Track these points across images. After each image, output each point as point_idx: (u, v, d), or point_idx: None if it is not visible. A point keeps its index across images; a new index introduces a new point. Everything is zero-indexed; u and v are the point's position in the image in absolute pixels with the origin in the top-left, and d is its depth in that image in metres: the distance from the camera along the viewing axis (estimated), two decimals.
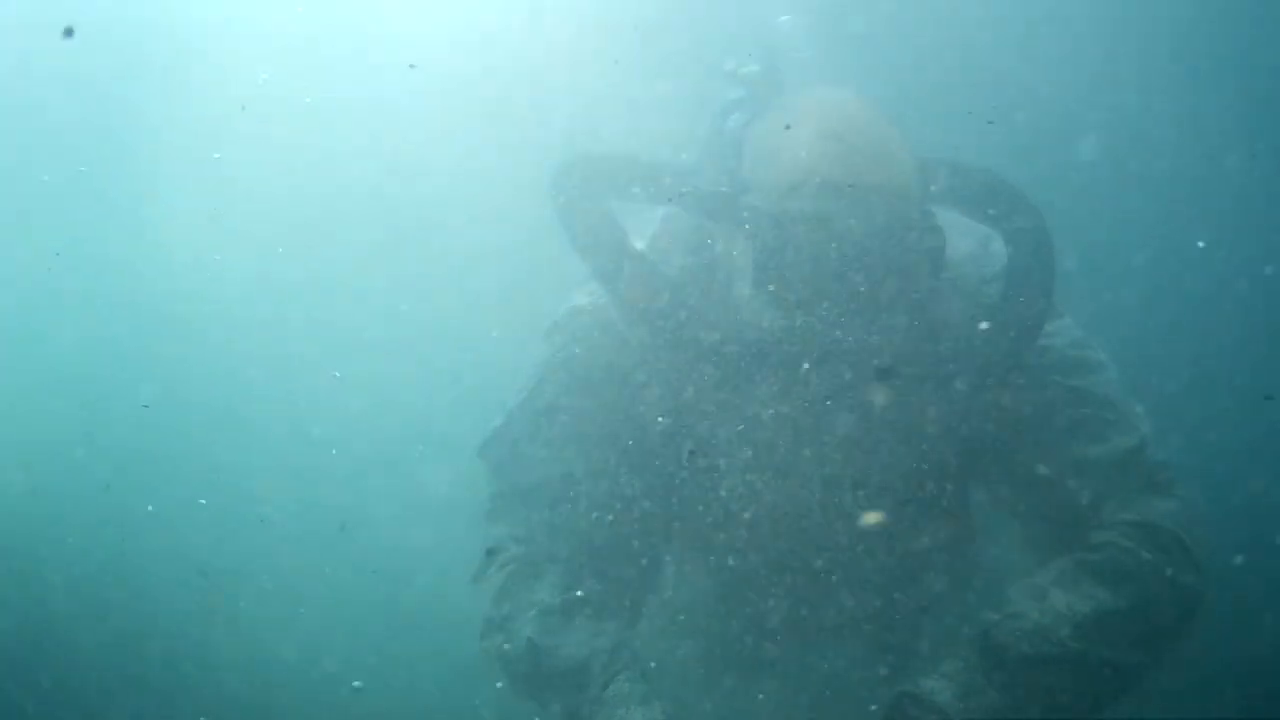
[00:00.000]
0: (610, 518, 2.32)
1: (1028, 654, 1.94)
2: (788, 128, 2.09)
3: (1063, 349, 2.17)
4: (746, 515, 2.33)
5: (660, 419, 2.29)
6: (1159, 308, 3.48)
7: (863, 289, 1.98)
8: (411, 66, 3.83)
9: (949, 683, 1.96)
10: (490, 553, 2.40)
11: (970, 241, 2.25)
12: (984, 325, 2.09)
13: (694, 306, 2.14)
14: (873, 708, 2.10)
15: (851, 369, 2.05)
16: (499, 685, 2.34)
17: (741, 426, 2.23)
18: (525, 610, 2.26)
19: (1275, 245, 3.62)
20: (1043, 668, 1.93)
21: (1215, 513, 2.19)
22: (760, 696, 2.68)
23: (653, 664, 2.25)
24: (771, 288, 2.02)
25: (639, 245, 2.26)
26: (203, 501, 4.73)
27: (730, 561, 2.47)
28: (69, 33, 4.10)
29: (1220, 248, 3.50)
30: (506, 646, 2.26)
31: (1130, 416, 2.17)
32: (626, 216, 2.34)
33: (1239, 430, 3.26)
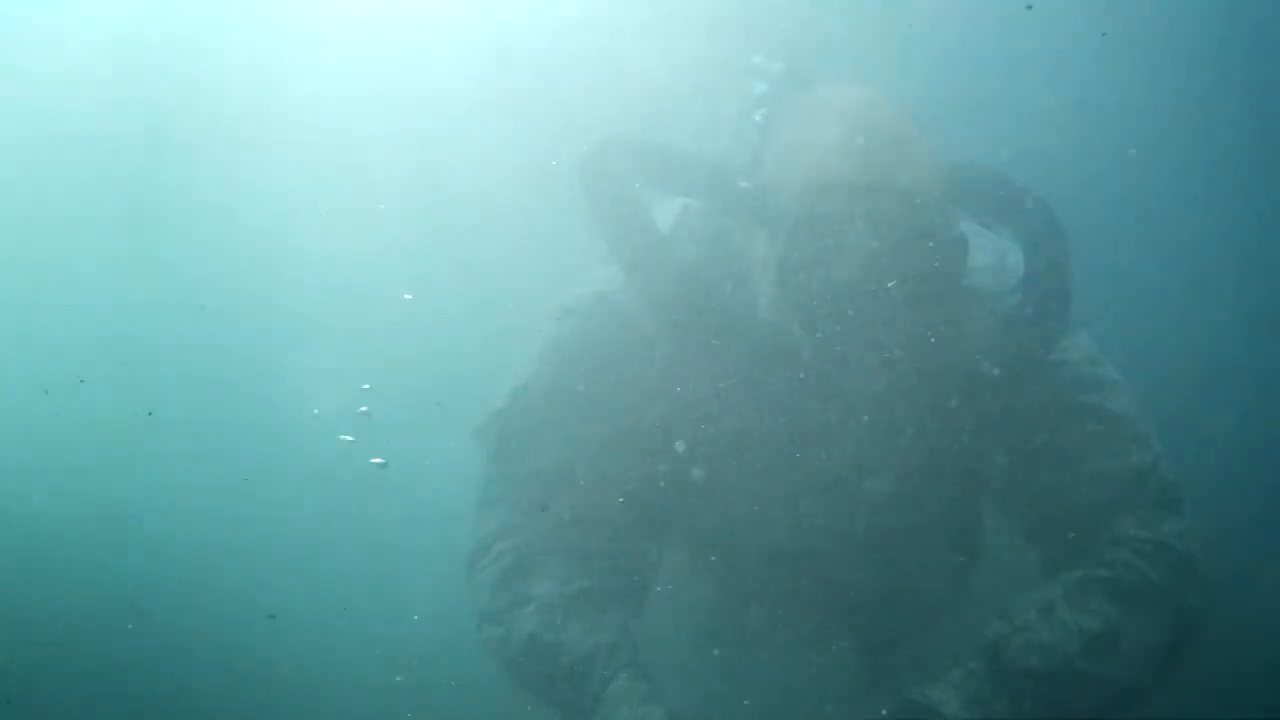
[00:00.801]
0: (610, 508, 2.29)
1: (1035, 668, 1.95)
2: (812, 127, 2.07)
3: (1078, 364, 2.18)
4: (750, 515, 2.31)
5: (666, 410, 2.25)
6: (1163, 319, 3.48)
7: (886, 295, 1.96)
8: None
9: (955, 693, 1.95)
10: (485, 541, 2.35)
11: (987, 254, 2.25)
12: (1003, 335, 2.09)
13: (714, 301, 2.11)
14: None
15: (873, 376, 2.05)
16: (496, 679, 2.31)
17: (750, 425, 2.21)
18: (524, 604, 2.23)
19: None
20: (1048, 683, 1.94)
21: (1216, 530, 2.21)
22: (758, 696, 2.66)
23: (653, 659, 2.22)
24: (794, 292, 2.00)
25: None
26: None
27: (731, 558, 2.47)
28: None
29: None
30: (505, 641, 2.23)
31: (1144, 434, 2.18)
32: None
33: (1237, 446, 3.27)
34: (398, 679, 3.40)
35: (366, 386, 3.07)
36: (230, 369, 4.77)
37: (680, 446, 2.25)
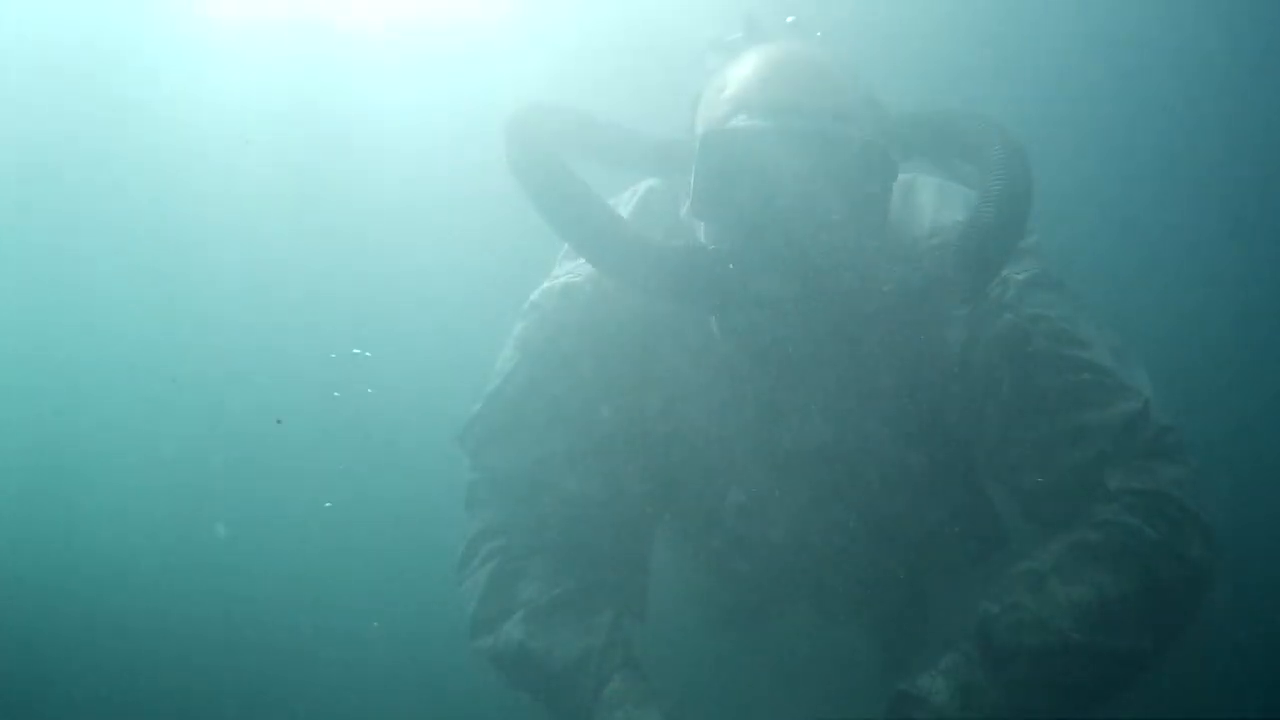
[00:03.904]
0: (593, 505, 2.26)
1: (1028, 647, 1.82)
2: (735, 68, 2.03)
3: (1057, 320, 2.06)
4: (736, 495, 2.27)
5: (643, 398, 2.22)
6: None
7: (804, 210, 1.89)
8: None
9: (947, 680, 1.84)
10: (471, 544, 2.35)
11: (959, 212, 2.13)
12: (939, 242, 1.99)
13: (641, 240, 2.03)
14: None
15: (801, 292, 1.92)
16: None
17: (727, 398, 2.16)
18: (512, 611, 2.22)
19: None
20: (1045, 661, 1.82)
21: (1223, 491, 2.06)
22: (759, 689, 2.62)
23: (650, 653, 2.19)
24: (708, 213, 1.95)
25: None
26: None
27: (721, 545, 2.41)
28: None
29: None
30: (497, 649, 2.21)
31: (1132, 381, 2.05)
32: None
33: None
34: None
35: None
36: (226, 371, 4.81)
37: (661, 432, 2.22)
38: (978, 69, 3.45)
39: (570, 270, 2.28)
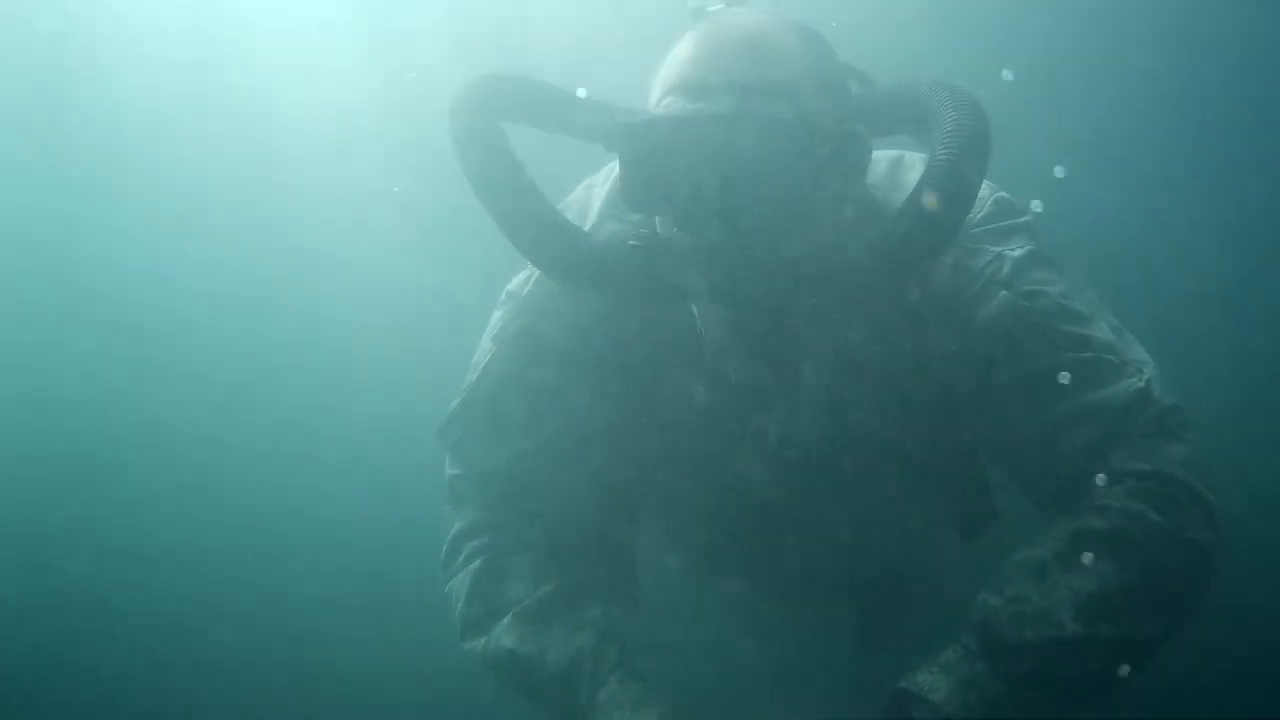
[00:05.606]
0: (577, 498, 2.20)
1: (1030, 640, 1.75)
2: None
3: (1055, 296, 1.99)
4: (717, 483, 2.20)
5: (625, 386, 2.14)
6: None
7: (751, 200, 1.77)
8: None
9: (947, 676, 1.77)
10: (455, 542, 2.31)
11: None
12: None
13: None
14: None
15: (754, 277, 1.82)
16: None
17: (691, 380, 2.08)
18: (500, 613, 2.17)
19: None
20: (1048, 654, 1.75)
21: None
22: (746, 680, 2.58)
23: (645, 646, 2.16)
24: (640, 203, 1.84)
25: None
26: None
27: (705, 535, 2.37)
28: None
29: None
30: (488, 652, 2.17)
31: (1134, 359, 1.98)
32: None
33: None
34: None
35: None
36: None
37: (642, 419, 2.14)
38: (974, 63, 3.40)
39: None
